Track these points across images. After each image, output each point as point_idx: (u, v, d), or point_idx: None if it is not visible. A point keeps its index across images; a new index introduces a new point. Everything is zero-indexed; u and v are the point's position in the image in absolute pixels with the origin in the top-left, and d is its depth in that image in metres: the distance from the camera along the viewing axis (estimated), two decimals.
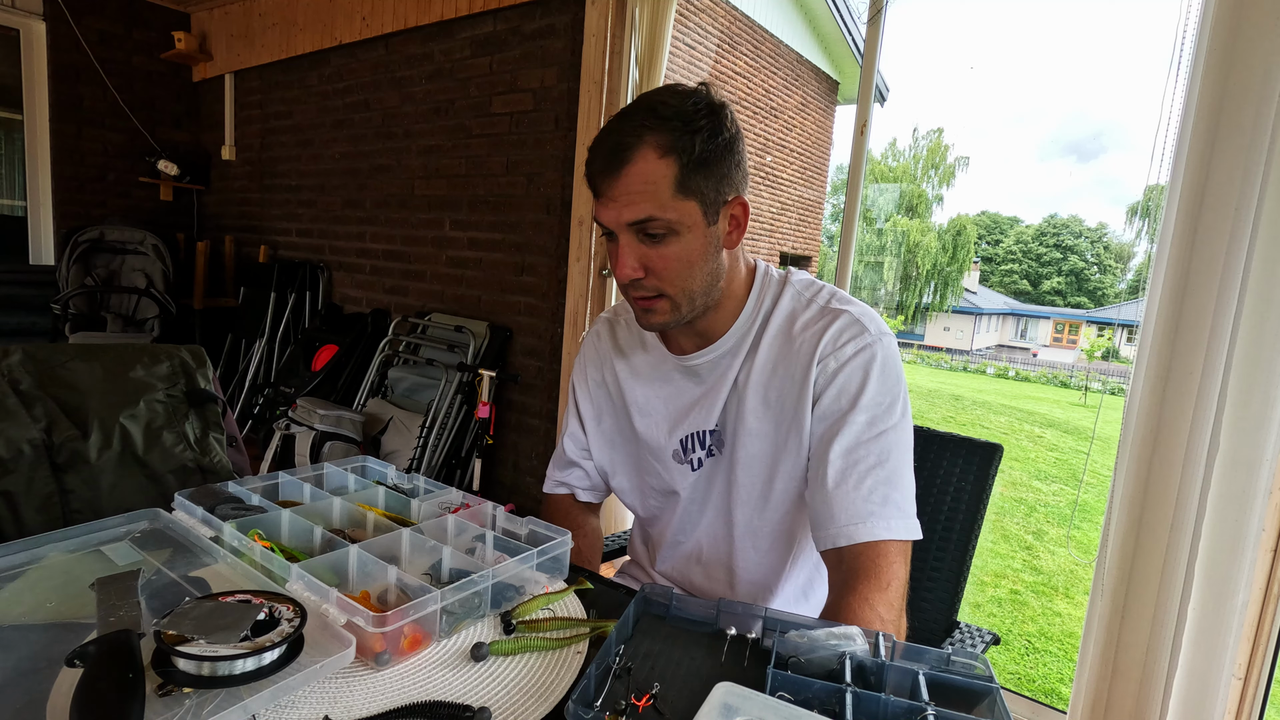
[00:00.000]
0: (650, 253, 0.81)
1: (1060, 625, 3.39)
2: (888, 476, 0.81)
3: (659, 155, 0.77)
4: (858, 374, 0.83)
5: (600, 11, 2.33)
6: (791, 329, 0.88)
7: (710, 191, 0.79)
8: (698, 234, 0.81)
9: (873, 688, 0.60)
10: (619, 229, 0.81)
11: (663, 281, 0.83)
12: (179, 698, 0.51)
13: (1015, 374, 15.86)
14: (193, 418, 1.05)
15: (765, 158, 8.45)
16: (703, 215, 0.80)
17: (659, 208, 0.78)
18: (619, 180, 0.78)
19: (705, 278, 0.84)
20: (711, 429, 0.92)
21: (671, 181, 0.77)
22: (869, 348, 0.83)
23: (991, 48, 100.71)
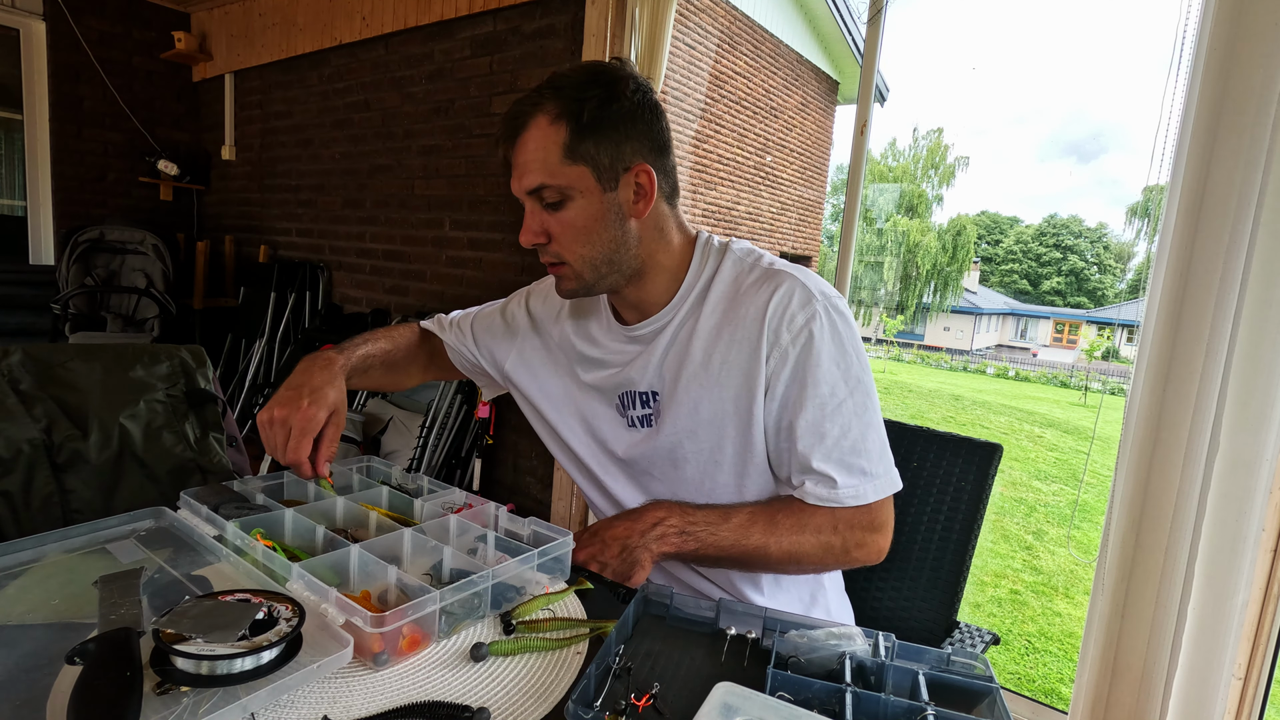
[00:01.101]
0: (550, 219, 0.84)
1: (1060, 625, 3.39)
2: (853, 446, 0.83)
3: (549, 122, 0.80)
4: (810, 345, 0.83)
5: (600, 11, 2.33)
6: (736, 294, 0.88)
7: (604, 157, 0.81)
8: (592, 200, 0.83)
9: (873, 688, 0.60)
10: (522, 196, 0.85)
11: (561, 248, 0.85)
12: (176, 696, 0.51)
13: (1015, 374, 15.86)
14: (193, 418, 1.05)
15: (765, 158, 8.45)
16: (596, 181, 0.82)
17: (549, 174, 0.81)
18: (515, 148, 0.83)
19: (605, 245, 0.85)
20: (647, 391, 0.93)
21: (560, 147, 0.80)
22: (817, 315, 0.83)
23: (992, 48, 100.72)
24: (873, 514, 0.85)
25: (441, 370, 1.20)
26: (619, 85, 0.81)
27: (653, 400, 0.93)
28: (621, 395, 0.96)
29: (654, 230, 0.88)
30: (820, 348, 0.83)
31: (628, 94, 0.81)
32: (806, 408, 0.83)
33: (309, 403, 0.86)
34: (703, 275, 0.91)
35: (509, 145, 0.84)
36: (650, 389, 0.92)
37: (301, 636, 0.58)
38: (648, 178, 0.84)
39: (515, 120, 0.82)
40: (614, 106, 0.80)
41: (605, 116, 0.80)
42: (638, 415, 0.94)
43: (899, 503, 1.08)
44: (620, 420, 0.97)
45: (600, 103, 0.80)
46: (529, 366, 1.06)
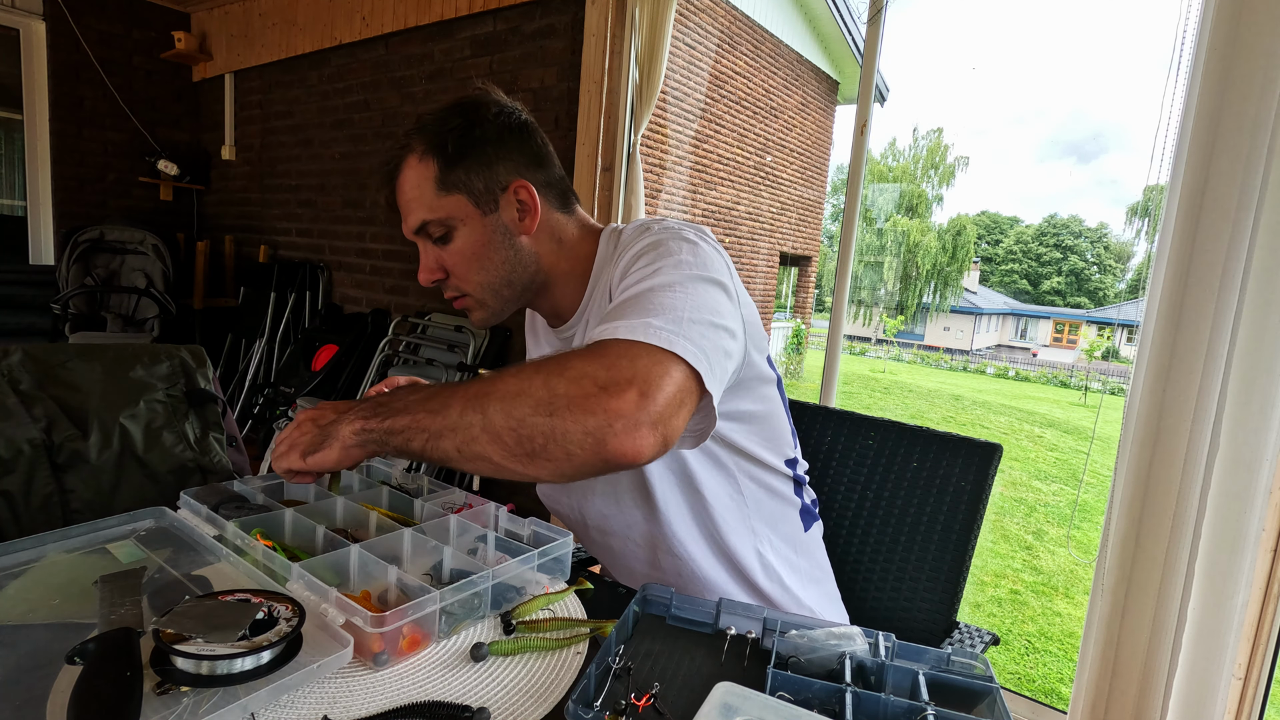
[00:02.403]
0: (442, 254, 0.85)
1: (1060, 625, 3.39)
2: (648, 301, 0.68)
3: (418, 159, 0.82)
4: (644, 250, 0.78)
5: (600, 11, 2.33)
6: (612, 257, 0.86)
7: (477, 182, 0.82)
8: (474, 226, 0.83)
9: (873, 688, 0.60)
10: (412, 237, 0.86)
11: (459, 280, 0.86)
12: (176, 696, 0.51)
13: (1015, 374, 15.86)
14: (193, 418, 1.05)
15: (765, 158, 8.45)
16: (475, 206, 0.83)
17: (428, 209, 0.82)
18: (395, 194, 0.85)
19: (501, 268, 0.86)
20: None
21: (433, 181, 0.82)
22: (649, 234, 0.80)
23: (991, 48, 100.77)
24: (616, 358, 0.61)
25: None
26: (479, 111, 0.83)
27: None
28: None
29: (550, 242, 0.88)
30: (654, 246, 0.77)
31: (490, 118, 0.83)
32: (624, 283, 0.75)
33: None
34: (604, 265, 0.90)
35: (389, 192, 0.86)
36: None
37: (301, 636, 0.58)
38: (527, 193, 0.85)
39: (389, 166, 0.85)
40: (476, 132, 0.82)
41: (469, 142, 0.82)
42: None
43: (898, 500, 1.09)
44: None
45: (462, 131, 0.81)
46: None
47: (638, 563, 0.96)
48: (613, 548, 0.98)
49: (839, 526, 1.13)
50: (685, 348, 0.63)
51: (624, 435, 0.58)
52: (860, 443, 1.14)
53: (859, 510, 1.12)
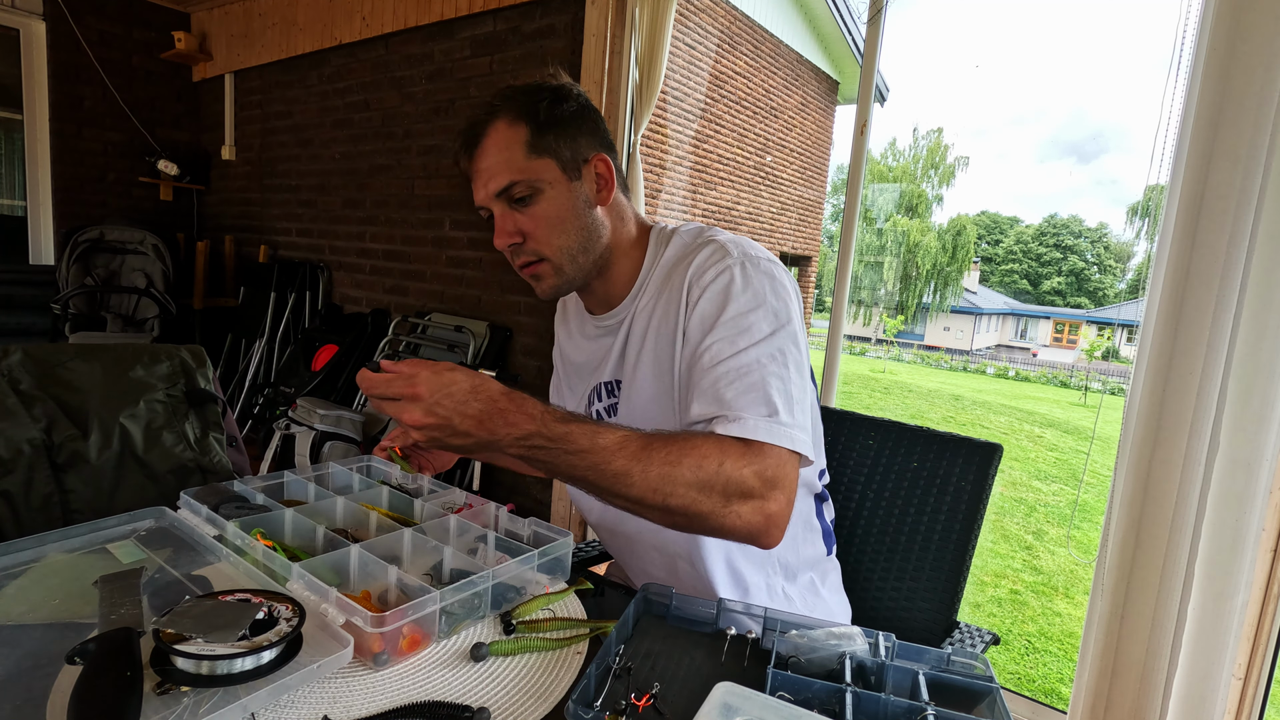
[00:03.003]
0: (521, 217, 0.86)
1: (1060, 625, 3.39)
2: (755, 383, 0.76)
3: (509, 123, 0.84)
4: (717, 298, 0.81)
5: (600, 11, 2.33)
6: (670, 271, 0.90)
7: (565, 150, 0.85)
8: (561, 190, 0.86)
9: (873, 688, 0.60)
10: (490, 202, 0.86)
11: (539, 243, 0.87)
12: (176, 696, 0.51)
13: (1015, 374, 15.85)
14: (193, 418, 1.05)
15: (765, 158, 8.45)
16: (562, 172, 0.85)
17: (517, 170, 0.84)
18: (478, 155, 0.86)
19: (579, 234, 0.88)
20: (611, 380, 0.95)
21: (524, 144, 0.84)
22: (728, 269, 0.82)
23: (992, 48, 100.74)
24: (765, 461, 0.72)
25: None
26: (564, 89, 0.87)
27: (616, 389, 0.95)
28: (591, 392, 0.98)
29: (616, 220, 0.92)
30: (729, 298, 0.80)
31: (573, 96, 0.87)
32: (706, 355, 0.79)
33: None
34: (656, 261, 0.93)
35: (469, 156, 0.87)
36: (614, 378, 0.95)
37: (301, 636, 0.58)
38: (606, 167, 0.89)
39: (474, 130, 0.86)
40: (564, 106, 0.86)
41: (558, 114, 0.85)
42: (603, 407, 0.96)
43: (897, 500, 1.09)
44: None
45: (551, 103, 0.85)
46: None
47: (655, 567, 0.97)
48: (635, 552, 0.99)
49: (839, 526, 1.13)
50: (803, 442, 0.75)
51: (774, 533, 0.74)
52: (860, 443, 1.14)
53: (859, 510, 1.12)
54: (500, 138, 0.84)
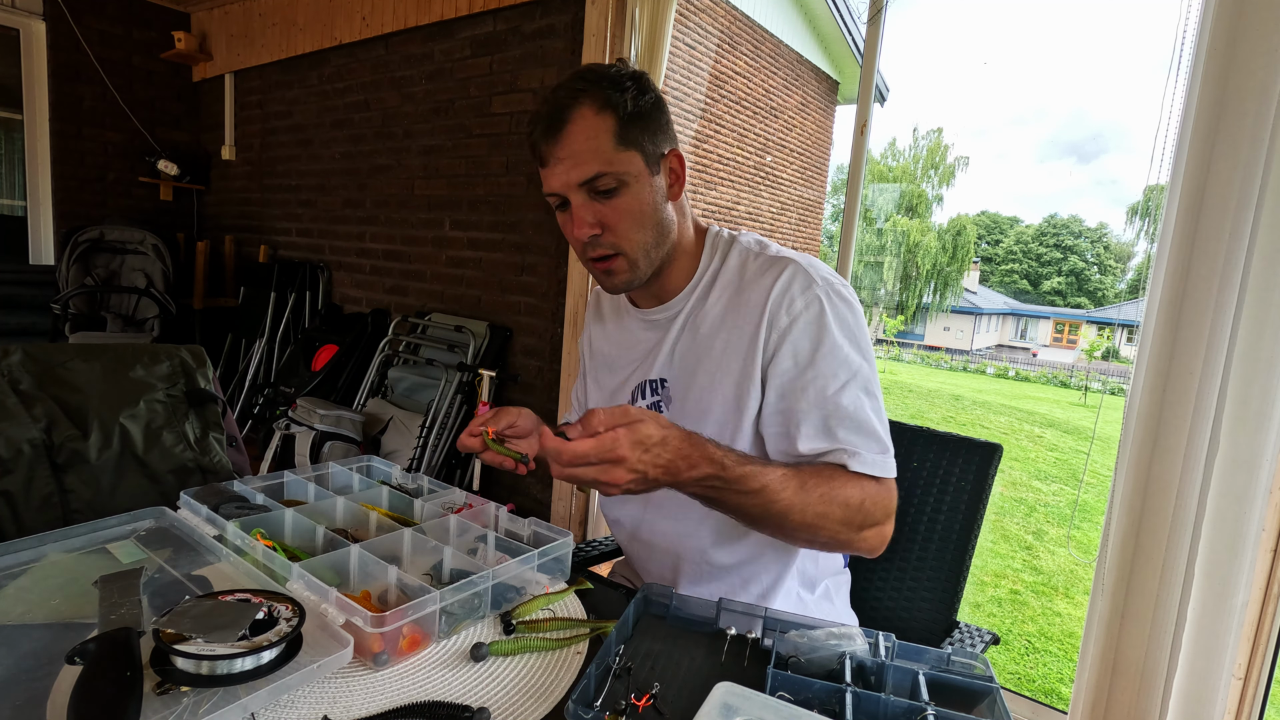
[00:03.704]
0: (603, 209, 0.84)
1: (1060, 625, 3.38)
2: (865, 423, 0.82)
3: (595, 111, 0.81)
4: (810, 329, 0.83)
5: (600, 11, 2.33)
6: (741, 281, 0.89)
7: (648, 143, 0.84)
8: (644, 184, 0.84)
9: (873, 688, 0.60)
10: (570, 190, 0.83)
11: (618, 236, 0.85)
12: (176, 696, 0.51)
13: (1015, 374, 15.85)
14: (193, 418, 1.05)
15: (765, 158, 8.45)
16: (645, 165, 0.84)
17: (605, 161, 0.81)
18: (562, 141, 0.82)
19: (655, 230, 0.87)
20: (657, 379, 0.94)
21: (612, 134, 0.81)
22: (817, 299, 0.83)
23: (992, 48, 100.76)
24: (887, 494, 0.84)
25: None
26: (644, 79, 0.85)
27: (661, 387, 0.94)
28: (635, 389, 0.96)
29: (681, 215, 0.92)
30: (822, 330, 0.83)
31: (652, 87, 0.86)
32: (811, 388, 0.82)
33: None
34: (712, 263, 0.93)
35: (550, 140, 0.83)
36: (660, 376, 0.94)
37: (301, 636, 0.58)
38: (679, 162, 0.88)
39: (558, 114, 0.82)
40: (646, 97, 0.84)
41: (642, 105, 0.83)
42: (646, 405, 0.95)
43: (899, 500, 1.09)
44: None
45: (636, 93, 0.83)
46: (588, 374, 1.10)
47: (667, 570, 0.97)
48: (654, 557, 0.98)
49: None
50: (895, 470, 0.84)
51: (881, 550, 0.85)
52: None
53: None
54: (588, 125, 0.81)
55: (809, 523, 0.78)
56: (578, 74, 0.84)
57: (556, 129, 0.82)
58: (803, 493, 0.77)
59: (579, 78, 0.83)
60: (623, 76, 0.83)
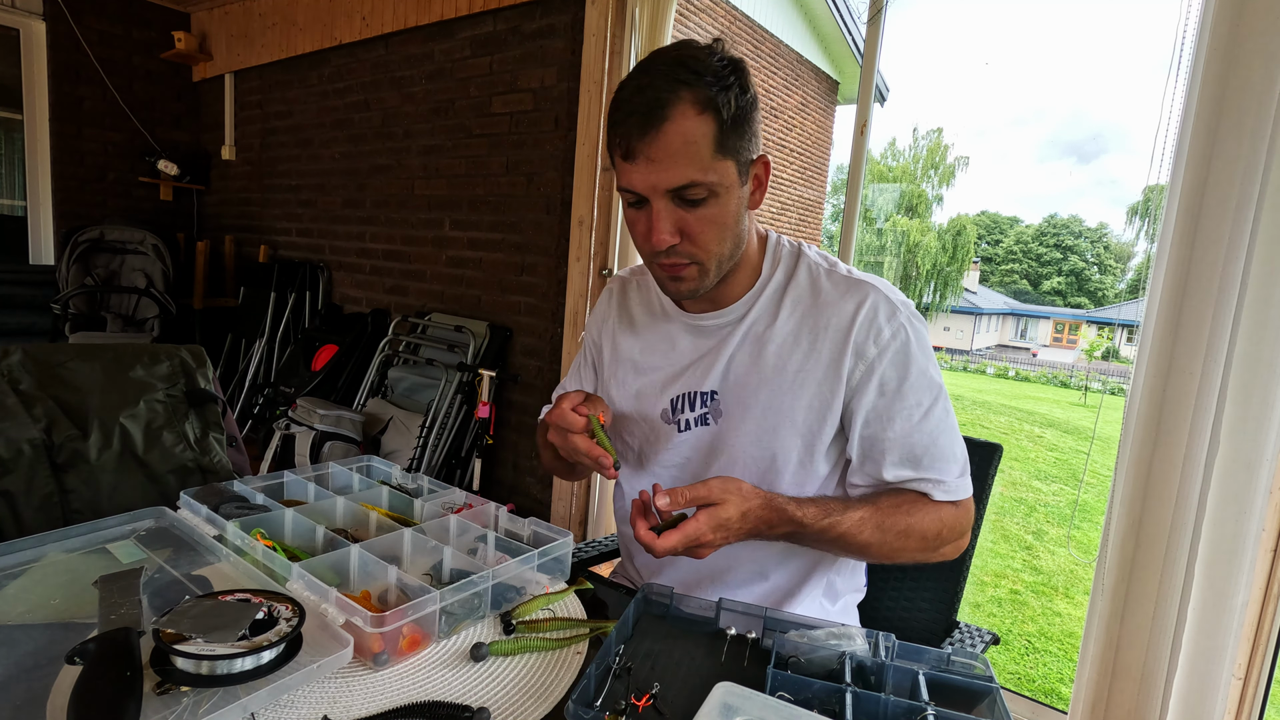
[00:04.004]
0: (687, 217, 0.77)
1: (1060, 625, 3.38)
2: (948, 448, 0.84)
3: (697, 112, 0.73)
4: (898, 359, 0.82)
5: (600, 11, 2.33)
6: (816, 301, 0.85)
7: (743, 151, 0.77)
8: (733, 195, 0.78)
9: (873, 688, 0.60)
10: (654, 194, 0.76)
11: (697, 247, 0.79)
12: (176, 696, 0.51)
13: (1015, 374, 15.85)
14: (193, 418, 1.05)
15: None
16: (737, 175, 0.78)
17: (701, 170, 0.74)
18: (656, 140, 0.73)
19: (733, 241, 0.82)
20: (707, 391, 0.89)
21: (711, 140, 0.74)
22: (902, 328, 0.83)
23: (991, 48, 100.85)
24: (965, 512, 0.85)
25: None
26: (745, 73, 0.77)
27: (710, 400, 0.89)
28: (676, 398, 0.91)
29: (751, 221, 0.87)
30: (908, 360, 0.82)
31: (752, 83, 0.77)
32: (899, 418, 0.82)
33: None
34: (776, 275, 0.88)
35: (643, 136, 0.73)
36: (712, 389, 0.89)
37: (301, 636, 0.58)
38: (765, 169, 0.82)
39: (655, 109, 0.73)
40: (747, 96, 0.76)
41: (743, 107, 0.76)
42: (692, 417, 0.90)
43: None
44: (664, 426, 0.92)
45: (739, 92, 0.75)
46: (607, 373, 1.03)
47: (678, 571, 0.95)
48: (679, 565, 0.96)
49: None
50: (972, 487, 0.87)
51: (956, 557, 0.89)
52: None
53: None
54: (688, 127, 0.73)
55: (886, 554, 0.82)
56: (677, 58, 0.74)
57: (652, 125, 0.73)
58: (880, 531, 0.80)
59: (679, 64, 0.74)
60: (725, 69, 0.74)
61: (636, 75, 0.75)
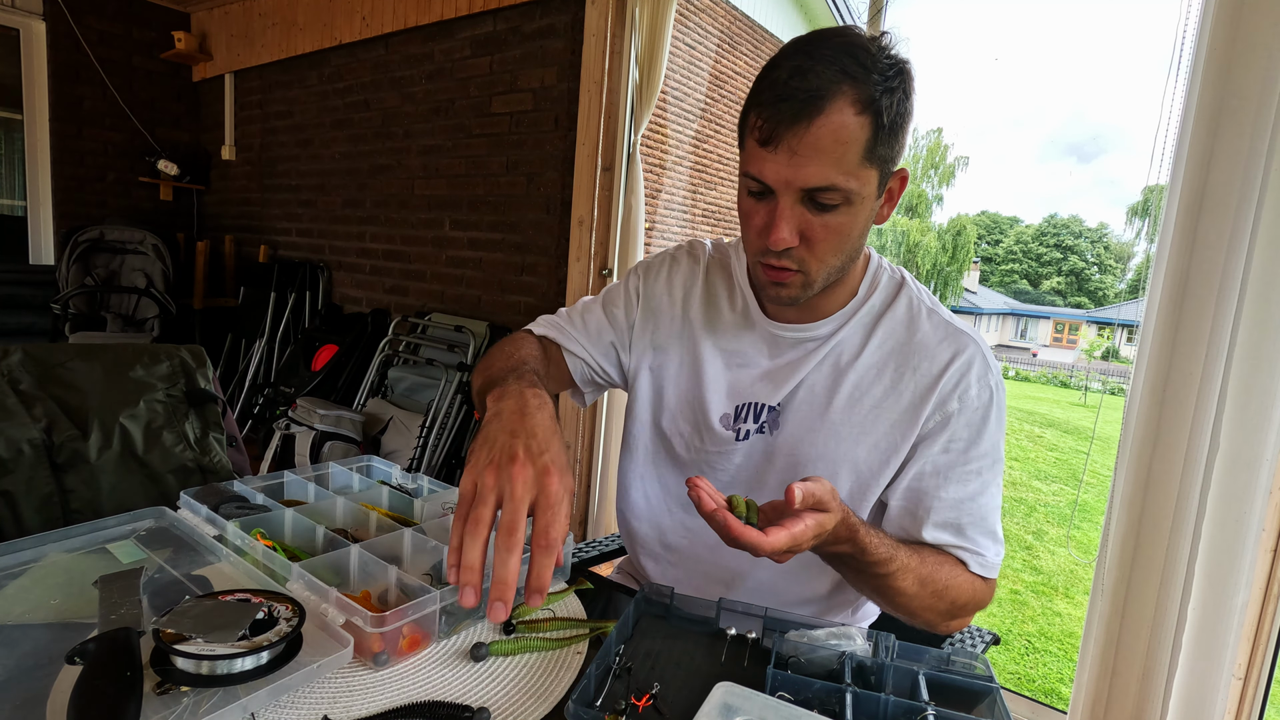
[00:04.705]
0: (813, 221, 0.71)
1: (1060, 625, 3.39)
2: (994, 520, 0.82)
3: (856, 111, 0.66)
4: (976, 420, 0.80)
5: (600, 11, 2.33)
6: (910, 339, 0.82)
7: (890, 162, 0.71)
8: (866, 207, 0.72)
9: (873, 688, 0.60)
10: (785, 190, 0.70)
11: (812, 255, 0.73)
12: (176, 696, 0.51)
13: (1015, 374, 15.85)
14: (193, 418, 1.05)
15: None
16: (877, 186, 0.72)
17: (844, 174, 0.68)
18: (807, 132, 0.66)
19: (849, 255, 0.76)
20: (771, 404, 0.85)
21: (863, 145, 0.67)
22: (989, 389, 0.80)
23: (991, 48, 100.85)
24: (988, 591, 0.83)
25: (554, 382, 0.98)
26: (909, 76, 0.70)
27: (767, 412, 0.85)
28: (741, 406, 0.87)
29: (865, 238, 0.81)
30: (985, 424, 0.80)
31: (914, 87, 0.70)
32: (955, 480, 0.80)
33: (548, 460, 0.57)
34: (873, 300, 0.84)
35: (794, 126, 0.66)
36: (776, 403, 0.85)
37: (301, 636, 0.58)
38: (901, 184, 0.76)
39: (814, 98, 0.66)
40: (907, 104, 0.70)
41: (902, 114, 0.69)
42: (749, 428, 0.86)
43: None
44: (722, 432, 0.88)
45: (902, 97, 0.68)
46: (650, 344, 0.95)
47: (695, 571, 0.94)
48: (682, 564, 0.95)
49: None
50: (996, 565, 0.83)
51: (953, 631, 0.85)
52: None
53: None
54: (844, 126, 0.66)
55: (915, 609, 0.78)
56: (844, 45, 0.67)
57: (807, 115, 0.66)
58: (919, 584, 0.76)
59: (846, 52, 0.66)
60: (890, 69, 0.67)
61: (795, 55, 0.68)
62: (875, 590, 0.77)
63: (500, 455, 0.56)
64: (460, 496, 0.56)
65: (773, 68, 0.70)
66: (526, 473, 0.55)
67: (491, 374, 0.80)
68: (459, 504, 0.56)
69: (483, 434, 0.60)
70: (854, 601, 0.95)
